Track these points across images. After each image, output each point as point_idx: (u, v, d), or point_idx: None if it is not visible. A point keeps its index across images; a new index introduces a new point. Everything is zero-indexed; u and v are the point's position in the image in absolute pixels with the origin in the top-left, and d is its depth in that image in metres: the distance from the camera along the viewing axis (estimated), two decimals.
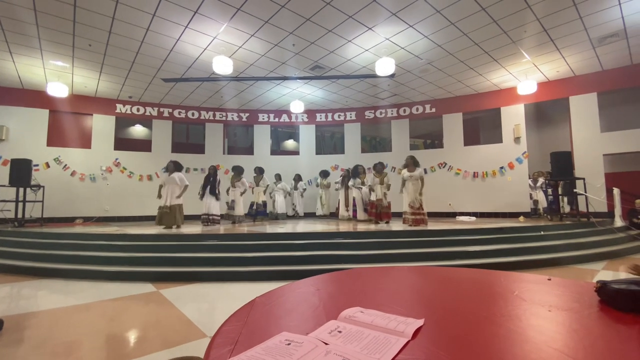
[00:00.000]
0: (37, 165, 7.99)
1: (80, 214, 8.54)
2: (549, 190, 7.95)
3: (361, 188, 8.06)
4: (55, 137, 8.71)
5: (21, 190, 6.87)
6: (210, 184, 7.14)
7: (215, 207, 7.15)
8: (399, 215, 7.05)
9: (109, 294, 3.40)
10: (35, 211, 7.23)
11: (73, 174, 8.72)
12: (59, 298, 3.32)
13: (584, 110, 7.97)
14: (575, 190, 6.94)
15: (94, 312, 2.90)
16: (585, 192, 6.81)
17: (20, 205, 6.81)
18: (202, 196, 7.14)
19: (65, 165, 8.67)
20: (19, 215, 6.74)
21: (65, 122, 8.85)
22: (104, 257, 4.44)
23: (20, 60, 6.84)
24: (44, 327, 2.50)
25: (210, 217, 7.04)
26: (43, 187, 7.36)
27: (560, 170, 6.92)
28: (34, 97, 8.40)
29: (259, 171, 8.63)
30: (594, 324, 0.74)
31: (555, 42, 6.35)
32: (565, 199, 7.71)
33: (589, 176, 7.27)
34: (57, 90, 7.54)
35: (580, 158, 7.90)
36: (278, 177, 9.57)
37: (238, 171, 7.77)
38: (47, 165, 8.47)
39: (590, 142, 7.86)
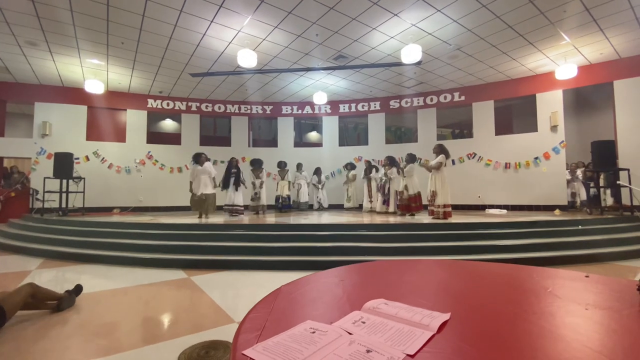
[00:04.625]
0: (77, 158, 8.52)
1: (117, 204, 9.05)
2: (592, 183, 7.46)
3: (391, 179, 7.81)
4: (94, 132, 9.23)
5: (64, 181, 7.36)
6: (235, 176, 7.33)
7: (239, 198, 7.35)
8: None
9: (144, 279, 3.60)
10: (77, 201, 7.73)
11: (110, 166, 9.23)
12: (100, 282, 3.56)
13: (629, 95, 7.36)
14: (618, 182, 6.47)
15: (131, 296, 3.09)
16: (630, 184, 6.34)
17: (64, 195, 7.30)
18: (224, 187, 7.33)
19: (103, 158, 9.19)
20: (63, 205, 7.24)
21: (102, 117, 9.35)
22: (139, 245, 4.69)
23: (60, 59, 7.26)
24: (86, 308, 2.70)
25: (235, 208, 7.24)
26: (84, 178, 7.85)
27: (602, 160, 6.46)
28: (73, 94, 8.92)
29: (283, 165, 8.80)
30: (634, 324, 0.69)
31: (598, 22, 5.87)
32: (608, 191, 7.22)
33: (634, 167, 6.74)
34: (94, 87, 7.95)
35: (625, 147, 7.33)
36: (299, 167, 9.63)
37: (260, 164, 8.00)
38: (87, 158, 9.02)
39: (637, 129, 7.26)
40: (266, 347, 0.59)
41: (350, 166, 9.68)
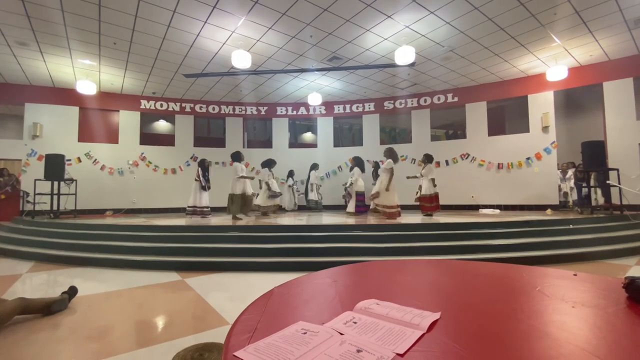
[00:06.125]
0: (69, 160, 8.42)
1: (110, 206, 8.95)
2: (584, 183, 7.57)
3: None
4: (86, 133, 9.13)
5: (56, 183, 7.26)
6: (205, 176, 7.35)
7: (205, 199, 7.32)
8: (408, 208, 7.01)
9: (138, 282, 3.57)
10: (69, 203, 7.64)
11: (102, 168, 9.14)
12: (92, 285, 3.52)
13: (618, 96, 7.50)
14: (608, 181, 6.58)
15: (125, 299, 3.06)
16: (619, 183, 6.45)
17: (55, 197, 7.20)
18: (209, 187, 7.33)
19: (95, 159, 9.09)
20: (55, 207, 7.14)
21: (94, 118, 9.26)
22: (133, 247, 4.65)
23: (51, 59, 7.17)
24: (79, 312, 2.67)
25: (199, 210, 7.21)
26: (76, 180, 7.75)
27: (592, 160, 6.56)
28: (65, 95, 8.81)
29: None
30: (619, 321, 0.71)
31: (587, 24, 5.97)
32: (599, 191, 7.33)
33: (624, 167, 6.87)
34: (86, 88, 7.87)
35: (614, 147, 7.46)
36: (316, 167, 9.64)
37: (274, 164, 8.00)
38: (79, 160, 8.91)
39: (625, 130, 7.40)
40: (257, 348, 0.59)
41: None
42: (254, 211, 7.13)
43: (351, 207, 7.59)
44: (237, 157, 6.85)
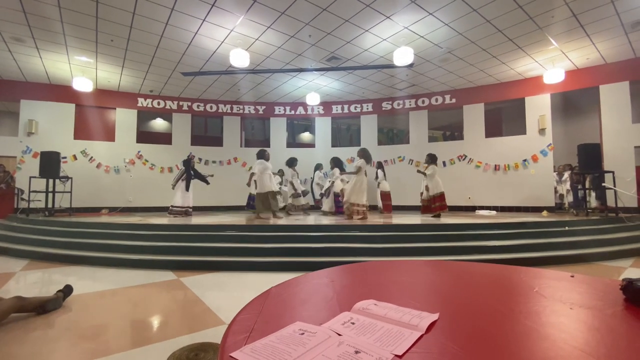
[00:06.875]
0: (65, 157, 8.34)
1: (105, 205, 8.89)
2: (579, 185, 7.63)
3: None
4: (82, 131, 9.06)
5: (51, 181, 7.20)
6: (195, 174, 7.30)
7: (190, 198, 7.33)
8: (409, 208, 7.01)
9: (133, 281, 3.54)
10: (64, 201, 7.57)
11: (99, 166, 9.07)
12: (87, 284, 3.49)
13: (614, 99, 7.56)
14: (603, 184, 6.63)
15: (120, 298, 3.04)
16: (615, 186, 6.50)
17: (50, 195, 7.14)
18: (187, 187, 7.25)
19: (91, 157, 9.03)
20: (49, 205, 7.08)
21: (91, 116, 9.19)
22: (128, 246, 4.62)
23: (47, 56, 7.11)
24: (73, 311, 2.64)
25: (184, 209, 7.20)
26: (71, 178, 7.69)
27: (588, 163, 6.61)
28: (61, 92, 8.74)
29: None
30: (617, 322, 0.71)
31: (585, 27, 6.01)
32: (593, 193, 7.38)
33: (619, 169, 6.92)
34: (82, 85, 7.81)
35: (610, 150, 7.52)
36: (320, 167, 9.57)
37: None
38: (75, 157, 8.84)
39: (621, 133, 7.46)
40: (254, 349, 0.58)
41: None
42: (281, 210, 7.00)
43: (326, 206, 7.74)
44: (260, 155, 6.77)
